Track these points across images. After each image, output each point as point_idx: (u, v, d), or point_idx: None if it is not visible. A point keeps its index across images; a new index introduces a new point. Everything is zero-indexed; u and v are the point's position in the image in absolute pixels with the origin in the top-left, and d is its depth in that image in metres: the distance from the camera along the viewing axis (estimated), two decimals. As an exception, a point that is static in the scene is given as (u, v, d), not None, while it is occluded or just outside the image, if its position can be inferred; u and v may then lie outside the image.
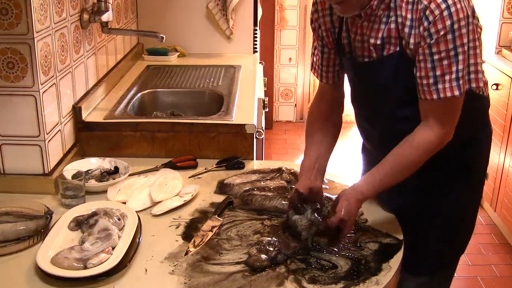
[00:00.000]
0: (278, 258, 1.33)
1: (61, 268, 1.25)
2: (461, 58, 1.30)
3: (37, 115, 1.63)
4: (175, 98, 2.44)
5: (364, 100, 1.57)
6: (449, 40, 1.28)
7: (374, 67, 1.44)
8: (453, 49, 1.29)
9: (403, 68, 1.38)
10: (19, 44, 1.56)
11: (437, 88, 1.32)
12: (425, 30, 1.29)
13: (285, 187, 1.67)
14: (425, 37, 1.30)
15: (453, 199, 1.55)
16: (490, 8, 3.55)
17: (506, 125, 3.12)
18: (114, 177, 1.73)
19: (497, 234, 3.29)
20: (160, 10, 3.01)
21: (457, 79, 1.31)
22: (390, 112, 1.49)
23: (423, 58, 1.32)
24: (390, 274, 1.30)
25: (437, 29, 1.28)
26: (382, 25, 1.37)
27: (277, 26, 4.95)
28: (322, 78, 1.60)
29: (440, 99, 1.32)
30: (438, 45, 1.29)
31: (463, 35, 1.28)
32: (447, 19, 1.27)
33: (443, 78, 1.31)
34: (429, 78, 1.32)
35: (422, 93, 1.35)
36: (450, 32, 1.27)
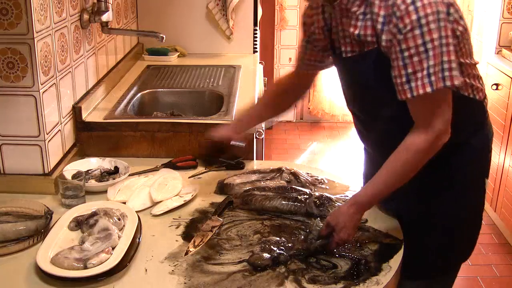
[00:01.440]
0: (281, 258, 1.33)
1: (61, 268, 1.25)
2: (431, 54, 1.27)
3: (37, 115, 1.63)
4: (175, 98, 2.44)
5: (351, 99, 1.58)
6: (416, 36, 1.26)
7: (355, 62, 1.44)
8: (422, 45, 1.27)
9: (382, 66, 1.37)
10: (19, 44, 1.56)
11: (410, 86, 1.30)
12: (394, 26, 1.28)
13: (285, 187, 1.67)
14: (395, 34, 1.28)
15: (445, 203, 1.53)
16: (490, 8, 3.55)
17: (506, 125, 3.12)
18: (114, 177, 1.73)
19: (497, 234, 3.29)
20: (160, 10, 3.01)
21: (428, 76, 1.28)
22: (375, 111, 1.49)
23: (395, 57, 1.31)
24: (390, 274, 1.30)
25: (404, 24, 1.26)
26: (359, 22, 1.37)
27: (277, 26, 4.95)
28: (301, 68, 1.68)
29: (415, 98, 1.31)
30: (407, 41, 1.27)
31: (432, 31, 1.26)
32: (413, 14, 1.25)
33: (415, 75, 1.29)
34: (402, 76, 1.31)
35: (399, 93, 1.34)
36: (417, 27, 1.25)
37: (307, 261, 1.33)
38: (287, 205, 1.57)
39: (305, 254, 1.36)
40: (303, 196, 1.60)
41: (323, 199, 1.58)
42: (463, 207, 1.56)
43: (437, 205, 1.54)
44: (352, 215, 1.37)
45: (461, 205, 1.55)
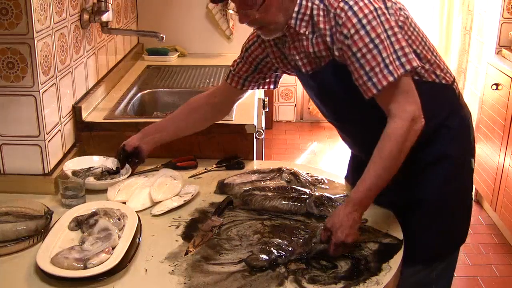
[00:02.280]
0: (279, 261, 1.32)
1: (61, 268, 1.25)
2: (381, 47, 1.34)
3: (37, 115, 1.63)
4: (175, 98, 2.44)
5: (322, 109, 1.63)
6: (363, 36, 1.33)
7: (318, 78, 1.50)
8: (371, 42, 1.33)
9: (341, 74, 1.43)
10: (19, 44, 1.56)
11: (373, 82, 1.36)
12: (340, 34, 1.36)
13: (285, 187, 1.67)
14: (343, 40, 1.36)
15: (433, 187, 1.55)
16: (490, 8, 3.55)
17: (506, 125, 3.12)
18: (113, 177, 1.73)
19: (497, 234, 3.29)
20: (160, 10, 3.01)
21: (386, 67, 1.34)
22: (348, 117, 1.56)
23: (350, 61, 1.37)
24: (390, 274, 1.30)
25: (348, 29, 1.34)
26: (309, 41, 1.44)
27: (277, 26, 4.94)
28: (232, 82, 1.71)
29: (380, 91, 1.36)
30: (356, 44, 1.34)
31: (375, 27, 1.33)
32: (353, 18, 1.34)
33: (373, 71, 1.35)
34: (362, 76, 1.37)
35: (364, 92, 1.39)
36: (361, 29, 1.33)
37: (307, 261, 1.33)
38: (287, 205, 1.57)
39: (307, 258, 1.35)
40: (303, 196, 1.60)
41: (323, 199, 1.58)
42: (451, 188, 1.57)
43: (425, 189, 1.55)
44: (348, 214, 1.37)
45: (449, 186, 1.56)
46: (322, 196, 1.59)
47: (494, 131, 3.27)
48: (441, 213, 1.58)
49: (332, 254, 1.35)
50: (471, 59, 3.97)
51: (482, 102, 3.48)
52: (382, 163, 1.38)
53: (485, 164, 3.39)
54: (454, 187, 1.58)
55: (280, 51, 1.57)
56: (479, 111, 3.52)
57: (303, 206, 1.57)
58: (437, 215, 1.57)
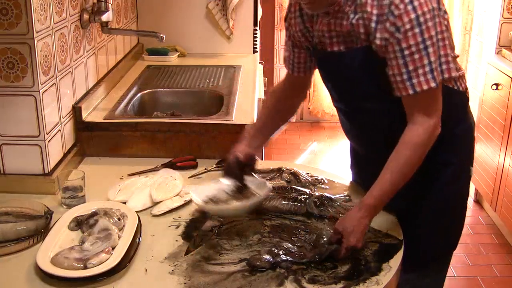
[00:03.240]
0: (282, 265, 1.31)
1: (61, 268, 1.25)
2: (431, 51, 1.31)
3: (37, 115, 1.63)
4: (175, 98, 2.44)
5: (336, 93, 1.60)
6: (416, 34, 1.30)
7: (343, 59, 1.46)
8: (422, 42, 1.31)
9: (371, 63, 1.40)
10: (19, 44, 1.56)
11: (412, 83, 1.33)
12: (391, 25, 1.31)
13: (285, 187, 1.67)
14: (393, 33, 1.31)
15: (436, 194, 1.55)
16: (490, 8, 3.55)
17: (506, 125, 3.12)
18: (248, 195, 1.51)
19: (497, 234, 3.29)
20: (160, 10, 3.01)
21: (431, 71, 1.32)
22: (361, 106, 1.51)
23: (393, 56, 1.33)
24: (390, 274, 1.30)
25: (403, 23, 1.29)
26: (348, 20, 1.39)
27: (277, 26, 4.95)
28: (293, 72, 1.65)
29: (417, 93, 1.34)
30: (406, 40, 1.30)
31: (430, 28, 1.30)
32: (412, 13, 1.29)
33: (416, 72, 1.32)
34: (402, 74, 1.34)
35: (398, 90, 1.37)
36: (416, 26, 1.29)
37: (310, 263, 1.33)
38: (287, 205, 1.57)
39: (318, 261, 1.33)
40: (303, 196, 1.60)
41: (323, 199, 1.58)
42: (451, 196, 1.58)
43: (426, 196, 1.56)
44: (360, 219, 1.36)
45: (449, 194, 1.57)
46: (322, 196, 1.59)
47: (494, 131, 3.27)
48: (438, 220, 1.58)
49: (341, 258, 1.34)
50: (471, 59, 3.97)
51: (482, 102, 3.48)
52: (398, 170, 1.37)
53: (485, 164, 3.38)
54: (452, 193, 1.59)
55: (304, 24, 1.53)
56: (479, 111, 3.52)
57: (303, 206, 1.57)
58: (434, 221, 1.58)
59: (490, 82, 3.32)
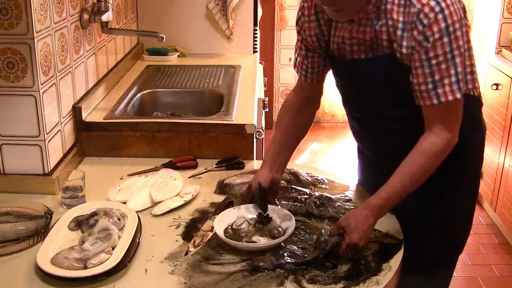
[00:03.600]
0: (285, 266, 1.31)
1: (61, 268, 1.25)
2: (458, 61, 1.29)
3: (37, 115, 1.63)
4: (175, 98, 2.44)
5: (353, 100, 1.58)
6: (445, 43, 1.28)
7: (364, 67, 1.44)
8: (450, 52, 1.28)
9: (393, 70, 1.38)
10: (19, 44, 1.56)
11: (436, 92, 1.31)
12: (420, 34, 1.28)
13: (285, 187, 1.67)
14: (421, 41, 1.29)
15: (448, 199, 1.55)
16: (490, 8, 3.55)
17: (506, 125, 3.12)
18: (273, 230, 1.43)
19: (497, 234, 3.29)
20: (160, 10, 3.01)
21: (457, 82, 1.30)
22: (377, 113, 1.49)
23: (419, 64, 1.31)
24: (390, 274, 1.30)
25: (433, 32, 1.27)
26: (372, 27, 1.37)
27: (277, 26, 4.95)
28: (306, 79, 1.61)
29: (441, 103, 1.32)
30: (435, 49, 1.28)
31: (458, 38, 1.28)
32: (442, 22, 1.26)
33: (442, 82, 1.30)
34: (427, 83, 1.31)
35: (421, 99, 1.34)
36: (446, 35, 1.27)
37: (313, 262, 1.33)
38: (287, 205, 1.57)
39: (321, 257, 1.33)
40: (303, 196, 1.60)
41: (323, 199, 1.58)
42: (463, 201, 1.58)
43: (439, 202, 1.55)
44: (365, 217, 1.36)
45: (461, 199, 1.57)
46: (322, 196, 1.59)
47: (494, 131, 3.27)
48: (448, 224, 1.58)
49: (341, 254, 1.34)
50: (471, 59, 3.96)
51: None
52: (410, 177, 1.36)
53: (485, 164, 3.38)
54: (464, 198, 1.58)
55: (320, 28, 1.49)
56: (479, 111, 3.52)
57: (303, 206, 1.57)
58: (443, 225, 1.57)
59: (490, 82, 3.32)
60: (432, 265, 1.61)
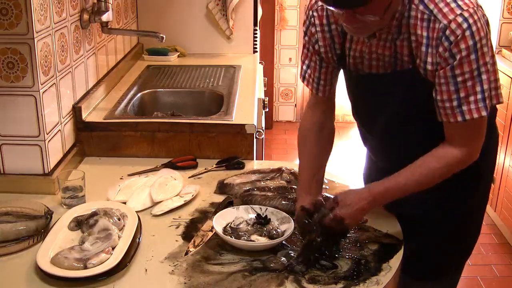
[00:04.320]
0: (295, 268, 1.30)
1: (61, 268, 1.25)
2: (485, 78, 1.25)
3: (37, 115, 1.63)
4: (175, 98, 2.44)
5: (366, 114, 1.55)
6: (472, 61, 1.23)
7: (383, 83, 1.40)
8: (477, 69, 1.24)
9: (414, 86, 1.34)
10: (19, 44, 1.56)
11: (461, 110, 1.27)
12: (446, 51, 1.23)
13: (285, 187, 1.67)
14: (447, 58, 1.24)
15: (463, 206, 1.53)
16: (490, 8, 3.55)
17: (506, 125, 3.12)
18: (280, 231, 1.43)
19: (497, 234, 3.29)
20: (160, 10, 3.01)
21: (483, 100, 1.26)
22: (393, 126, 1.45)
23: (445, 81, 1.26)
24: (390, 274, 1.30)
25: (460, 49, 1.22)
26: (392, 42, 1.33)
27: (277, 26, 4.95)
28: (318, 92, 1.55)
29: (466, 121, 1.28)
30: (461, 66, 1.23)
31: (485, 54, 1.24)
32: (470, 39, 1.21)
33: (467, 99, 1.26)
34: (452, 101, 1.27)
35: (445, 116, 1.30)
36: (473, 52, 1.22)
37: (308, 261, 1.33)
38: (287, 205, 1.57)
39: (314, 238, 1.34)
40: (303, 196, 1.60)
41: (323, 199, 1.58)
42: (474, 207, 1.57)
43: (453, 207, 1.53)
44: (360, 199, 1.35)
45: (474, 205, 1.56)
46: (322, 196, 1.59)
47: (494, 131, 3.27)
48: (460, 230, 1.56)
49: (326, 224, 1.34)
50: (471, 59, 3.97)
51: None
52: (418, 178, 1.34)
53: (485, 164, 3.39)
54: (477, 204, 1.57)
55: (333, 39, 1.44)
56: (479, 111, 3.52)
57: (303, 206, 1.56)
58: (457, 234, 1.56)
59: (490, 82, 3.31)
60: (441, 270, 1.60)
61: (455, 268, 1.65)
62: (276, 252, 1.36)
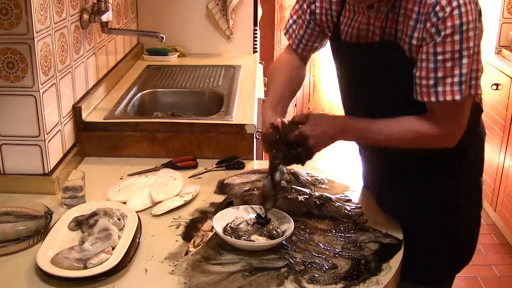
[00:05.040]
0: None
1: (61, 268, 1.25)
2: (465, 62, 1.26)
3: (37, 115, 1.63)
4: (175, 98, 2.44)
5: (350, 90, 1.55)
6: (456, 41, 1.24)
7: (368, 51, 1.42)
8: (459, 51, 1.25)
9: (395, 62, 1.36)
10: (19, 44, 1.56)
11: (436, 90, 1.28)
12: (432, 26, 1.25)
13: (285, 187, 1.67)
14: (432, 34, 1.26)
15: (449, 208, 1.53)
16: (490, 8, 3.56)
17: (506, 125, 3.12)
18: None
19: (497, 234, 3.30)
20: (160, 10, 3.01)
21: (459, 84, 1.27)
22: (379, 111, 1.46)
23: (425, 58, 1.28)
24: (390, 274, 1.30)
25: (446, 26, 1.24)
26: (385, 14, 1.35)
27: (277, 26, 4.95)
28: (297, 48, 1.61)
29: (439, 102, 1.29)
30: (444, 45, 1.25)
31: (470, 38, 1.25)
32: (457, 19, 1.23)
33: (444, 80, 1.27)
34: (429, 79, 1.29)
35: (420, 94, 1.32)
36: (458, 33, 1.24)
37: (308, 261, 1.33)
38: (287, 205, 1.57)
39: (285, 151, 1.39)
40: (303, 196, 1.60)
41: (323, 199, 1.58)
42: (466, 209, 1.56)
43: (442, 210, 1.53)
44: (331, 123, 1.38)
45: (464, 207, 1.55)
46: (322, 196, 1.59)
47: (494, 131, 3.27)
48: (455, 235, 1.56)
49: (290, 138, 1.37)
50: (471, 59, 3.97)
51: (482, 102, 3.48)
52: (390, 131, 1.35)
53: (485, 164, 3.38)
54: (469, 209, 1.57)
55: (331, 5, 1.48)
56: (479, 111, 3.52)
57: (303, 206, 1.57)
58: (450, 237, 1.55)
59: (490, 82, 3.32)
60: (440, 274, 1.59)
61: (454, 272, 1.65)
62: (276, 252, 1.36)
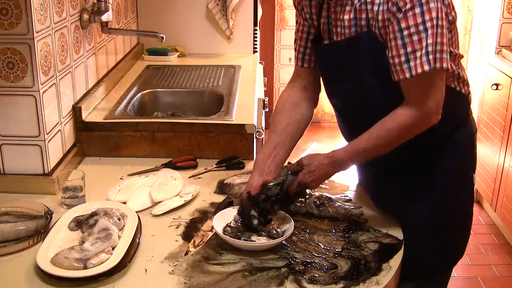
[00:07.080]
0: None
1: (61, 268, 1.25)
2: (430, 33, 1.29)
3: (37, 115, 1.63)
4: (175, 98, 2.44)
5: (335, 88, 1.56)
6: (417, 14, 1.28)
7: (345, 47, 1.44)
8: (422, 24, 1.28)
9: (373, 51, 1.38)
10: (19, 44, 1.56)
11: (409, 66, 1.31)
12: (393, 5, 1.30)
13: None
14: (394, 12, 1.30)
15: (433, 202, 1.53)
16: (490, 8, 3.55)
17: (506, 125, 3.12)
18: None
19: (497, 234, 3.30)
20: (160, 10, 3.01)
21: (426, 54, 1.30)
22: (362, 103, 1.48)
23: (393, 36, 1.32)
24: (390, 274, 1.30)
25: (405, 2, 1.28)
26: (352, 6, 1.38)
27: (277, 26, 4.95)
28: (303, 63, 1.61)
29: (413, 77, 1.32)
30: (407, 20, 1.29)
31: (431, 9, 1.28)
32: None
33: (414, 55, 1.30)
34: (400, 56, 1.32)
35: (396, 73, 1.34)
36: (417, 6, 1.27)
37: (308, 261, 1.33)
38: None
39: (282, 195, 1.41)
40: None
41: (323, 199, 1.58)
42: (451, 205, 1.56)
43: (425, 205, 1.53)
44: (324, 165, 1.40)
45: (449, 202, 1.55)
46: (322, 196, 1.59)
47: (494, 131, 3.27)
48: (443, 231, 1.56)
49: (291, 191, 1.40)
50: (471, 59, 3.97)
51: (482, 102, 3.48)
52: (377, 139, 1.37)
53: (485, 164, 3.38)
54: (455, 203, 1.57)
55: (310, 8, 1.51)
56: (479, 111, 3.52)
57: (303, 206, 1.57)
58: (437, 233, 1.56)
59: (490, 82, 3.32)
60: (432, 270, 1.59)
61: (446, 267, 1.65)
62: (276, 252, 1.36)
